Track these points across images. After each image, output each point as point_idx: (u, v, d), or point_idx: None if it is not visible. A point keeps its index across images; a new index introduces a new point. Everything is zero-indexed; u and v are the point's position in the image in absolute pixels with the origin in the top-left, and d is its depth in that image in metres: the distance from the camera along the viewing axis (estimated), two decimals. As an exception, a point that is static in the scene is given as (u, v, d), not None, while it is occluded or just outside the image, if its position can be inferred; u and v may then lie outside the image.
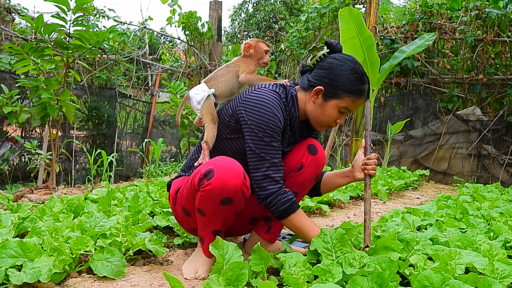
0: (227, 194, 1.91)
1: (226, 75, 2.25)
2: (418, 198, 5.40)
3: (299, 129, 2.24)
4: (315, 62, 2.19)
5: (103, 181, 4.83)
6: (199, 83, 2.31)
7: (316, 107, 2.15)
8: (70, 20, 4.25)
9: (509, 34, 7.67)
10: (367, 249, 2.12)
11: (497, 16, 7.51)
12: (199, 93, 2.21)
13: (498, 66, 7.90)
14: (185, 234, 2.57)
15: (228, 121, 2.13)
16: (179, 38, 9.97)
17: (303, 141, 2.30)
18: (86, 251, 1.98)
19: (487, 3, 7.80)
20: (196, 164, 2.15)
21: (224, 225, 2.10)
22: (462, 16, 7.97)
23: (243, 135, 2.08)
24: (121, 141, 7.78)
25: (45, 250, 1.94)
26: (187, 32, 9.69)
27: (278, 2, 20.83)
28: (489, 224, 2.93)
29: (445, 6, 8.22)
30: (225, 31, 21.48)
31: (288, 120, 2.15)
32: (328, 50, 2.17)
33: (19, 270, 1.81)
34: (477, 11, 7.78)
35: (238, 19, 21.75)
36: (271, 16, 20.08)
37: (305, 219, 2.13)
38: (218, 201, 1.92)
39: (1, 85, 5.17)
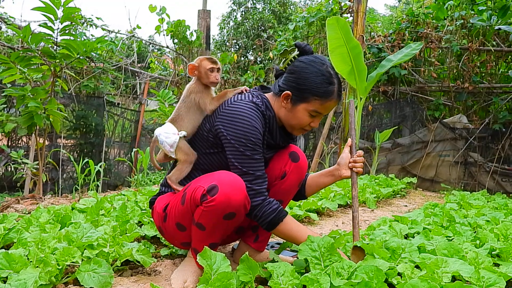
0: (231, 209, 1.90)
1: (188, 113, 2.17)
2: (406, 205, 5.43)
3: (279, 133, 2.21)
4: (286, 66, 2.18)
5: (91, 190, 4.80)
6: None
7: (287, 112, 2.13)
8: (57, 29, 4.23)
9: (494, 43, 7.79)
10: (359, 244, 2.13)
11: (482, 26, 7.63)
12: (169, 136, 2.13)
13: (483, 74, 8.01)
14: (173, 244, 2.55)
15: (207, 136, 2.11)
16: (167, 47, 9.97)
17: (284, 148, 2.30)
18: (73, 262, 1.96)
19: (472, 12, 7.92)
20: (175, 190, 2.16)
21: (222, 238, 2.09)
22: (448, 25, 8.08)
23: (223, 149, 2.07)
24: (109, 150, 7.73)
25: (31, 262, 1.91)
26: (176, 41, 9.70)
27: (266, 10, 20.92)
28: (475, 232, 2.95)
29: (431, 16, 8.34)
30: (213, 39, 21.50)
31: (268, 125, 2.14)
32: (298, 52, 2.17)
33: (4, 282, 1.79)
34: (462, 21, 7.89)
35: (227, 28, 21.78)
36: (259, 24, 20.15)
37: (295, 225, 2.11)
38: (221, 216, 1.91)
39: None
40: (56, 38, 4.29)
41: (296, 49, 2.17)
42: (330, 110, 2.16)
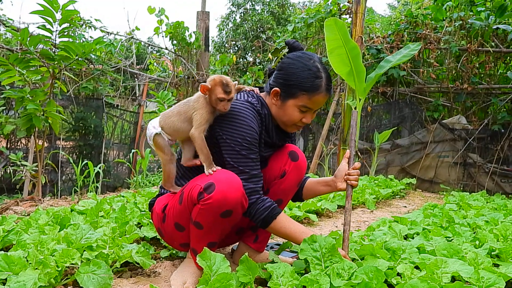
0: (228, 207, 1.91)
1: (177, 116, 2.08)
2: (405, 206, 5.44)
3: (275, 131, 2.22)
4: (277, 64, 2.19)
5: (90, 192, 4.79)
6: (187, 92, 2.27)
7: (277, 109, 2.14)
8: (56, 31, 4.23)
9: (492, 44, 7.80)
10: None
11: (481, 27, 7.64)
12: (150, 128, 2.12)
13: (482, 75, 8.01)
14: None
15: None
16: (166, 48, 9.97)
17: (283, 148, 2.30)
18: (72, 264, 1.96)
19: (470, 13, 7.92)
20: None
21: (221, 237, 2.09)
22: (447, 26, 8.08)
23: (219, 148, 2.07)
24: (108, 152, 7.71)
25: (30, 263, 1.91)
26: (175, 42, 9.70)
27: (265, 12, 20.96)
28: (474, 233, 2.96)
29: (430, 17, 8.34)
30: (212, 41, 21.53)
31: (264, 123, 2.14)
32: (288, 50, 2.17)
33: (4, 284, 1.79)
34: (461, 22, 7.90)
35: (226, 29, 21.82)
36: (258, 26, 20.18)
37: (290, 223, 2.11)
38: (218, 214, 1.91)
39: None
40: (55, 40, 4.29)
41: (286, 47, 2.18)
42: (320, 105, 2.14)
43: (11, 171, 5.75)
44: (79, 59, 4.39)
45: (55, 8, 4.02)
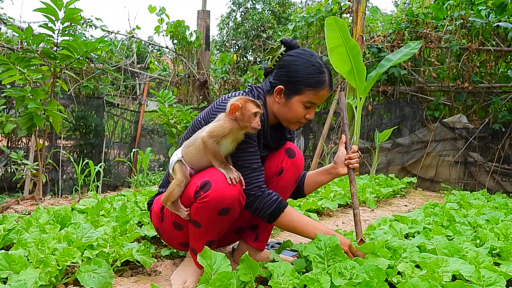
0: (225, 204, 1.90)
1: (194, 144, 1.99)
2: (406, 205, 5.43)
3: (270, 133, 2.21)
4: (274, 63, 2.19)
5: (91, 191, 4.79)
6: (187, 91, 2.24)
7: (281, 107, 2.14)
8: (58, 30, 4.23)
9: (493, 43, 7.79)
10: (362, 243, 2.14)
11: (481, 25, 7.63)
12: (173, 156, 2.05)
13: (483, 74, 8.00)
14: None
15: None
16: (167, 47, 9.97)
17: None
18: (73, 263, 1.96)
19: (471, 12, 7.91)
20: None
21: (219, 235, 2.09)
22: (447, 25, 8.07)
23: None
24: (109, 151, 7.71)
25: (31, 262, 1.92)
26: (175, 41, 9.71)
27: (266, 11, 20.95)
28: (475, 231, 2.95)
29: (431, 16, 8.33)
30: (213, 40, 21.53)
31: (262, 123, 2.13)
32: (284, 48, 2.18)
33: (4, 283, 1.79)
34: (461, 20, 7.89)
35: (226, 28, 21.81)
36: (259, 25, 20.17)
37: (297, 216, 2.10)
38: (215, 212, 1.91)
39: (-13, 95, 5.12)
40: (57, 39, 4.29)
41: (282, 45, 2.18)
42: (323, 100, 2.16)
43: (12, 170, 5.76)
44: (80, 58, 4.39)
45: (58, 6, 4.02)
